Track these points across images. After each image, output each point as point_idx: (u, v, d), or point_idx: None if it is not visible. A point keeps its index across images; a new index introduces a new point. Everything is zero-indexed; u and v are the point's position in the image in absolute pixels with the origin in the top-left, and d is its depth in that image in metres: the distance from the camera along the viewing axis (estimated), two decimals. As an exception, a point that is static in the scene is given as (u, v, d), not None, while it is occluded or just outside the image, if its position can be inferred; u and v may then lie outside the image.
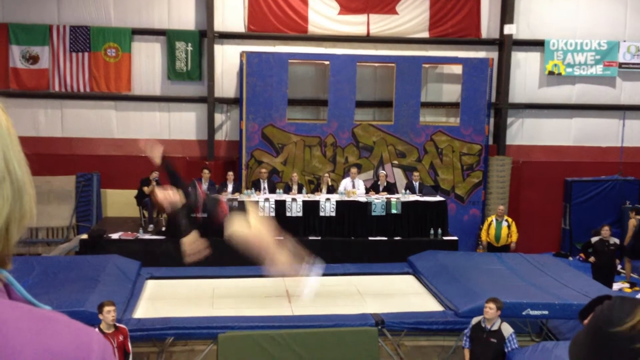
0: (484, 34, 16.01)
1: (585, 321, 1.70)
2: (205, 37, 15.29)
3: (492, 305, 7.91)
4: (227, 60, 15.58)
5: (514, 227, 13.47)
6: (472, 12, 15.80)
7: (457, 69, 15.63)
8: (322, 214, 13.00)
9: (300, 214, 12.92)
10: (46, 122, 15.47)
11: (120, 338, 7.57)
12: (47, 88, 15.21)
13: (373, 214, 13.09)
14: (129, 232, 12.96)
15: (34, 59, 15.06)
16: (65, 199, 15.01)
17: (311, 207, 13.00)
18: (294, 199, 13.01)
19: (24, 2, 15.03)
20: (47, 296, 8.91)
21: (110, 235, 12.77)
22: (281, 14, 15.37)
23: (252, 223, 6.22)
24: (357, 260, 12.25)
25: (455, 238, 13.36)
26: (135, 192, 13.89)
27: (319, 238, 12.97)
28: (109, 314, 7.51)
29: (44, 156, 14.98)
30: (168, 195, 6.35)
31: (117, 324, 7.71)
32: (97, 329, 7.48)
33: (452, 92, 15.94)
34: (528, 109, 16.36)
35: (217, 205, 6.64)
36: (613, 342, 1.48)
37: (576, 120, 16.51)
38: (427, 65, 15.60)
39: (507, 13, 15.68)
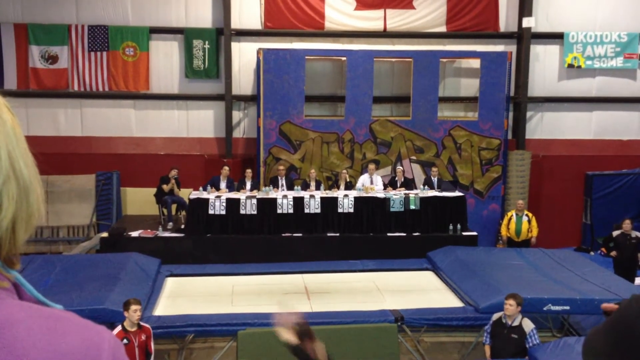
0: (502, 27, 15.87)
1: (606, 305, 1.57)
2: (222, 35, 15.32)
3: (512, 301, 7.85)
4: (244, 57, 15.60)
5: (534, 222, 13.36)
6: (490, 5, 15.67)
7: (475, 63, 15.51)
8: (340, 210, 12.99)
9: (318, 211, 12.92)
10: (66, 122, 15.60)
11: (143, 337, 7.59)
12: (66, 87, 15.34)
13: (391, 209, 13.05)
14: (149, 230, 13.04)
15: (53, 59, 15.18)
16: (86, 197, 15.15)
17: (329, 204, 12.99)
18: (312, 196, 13.01)
19: (43, 3, 15.15)
20: (68, 294, 9.00)
21: (130, 233, 12.86)
22: (297, 10, 15.35)
23: None
24: (376, 256, 12.23)
25: (474, 233, 13.28)
26: (154, 190, 13.96)
27: (338, 234, 12.97)
28: (135, 313, 7.51)
29: (64, 155, 15.13)
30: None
31: (142, 323, 7.72)
32: (120, 326, 7.52)
33: (470, 87, 15.83)
34: (547, 103, 16.20)
35: None
36: None
37: (596, 113, 16.32)
38: (444, 60, 15.50)
39: (525, 6, 15.52)
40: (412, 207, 13.07)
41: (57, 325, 0.92)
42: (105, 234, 13.08)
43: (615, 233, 12.05)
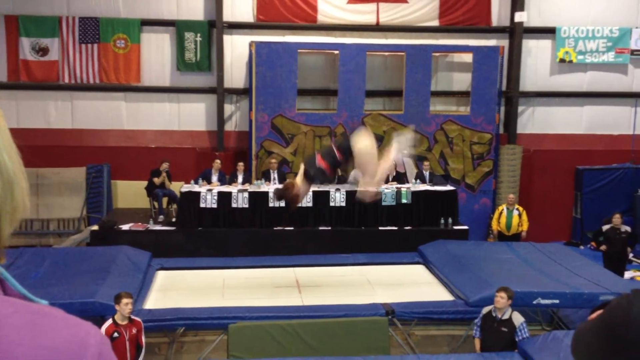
0: (495, 21, 15.88)
1: (594, 315, 1.53)
2: (214, 28, 15.26)
3: (503, 294, 7.89)
4: (236, 50, 15.55)
5: (524, 216, 13.41)
6: (482, 0, 15.67)
7: (468, 57, 15.52)
8: (332, 204, 12.99)
9: (310, 204, 12.91)
10: (56, 114, 15.52)
11: (134, 331, 7.58)
12: (57, 80, 15.25)
13: (383, 203, 13.06)
14: (140, 223, 13.01)
15: (44, 51, 15.09)
16: (76, 190, 15.08)
17: (321, 197, 12.99)
18: (303, 189, 12.98)
19: (33, -6, 15.06)
20: (58, 287, 8.97)
21: (120, 226, 12.82)
22: (290, 3, 15.31)
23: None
24: (368, 250, 12.25)
25: (465, 227, 13.32)
26: (145, 183, 13.92)
27: (329, 228, 12.97)
28: (127, 306, 7.48)
29: (55, 148, 15.06)
30: (299, 191, 7.25)
31: (132, 317, 7.70)
32: (110, 320, 7.50)
33: (462, 81, 15.85)
34: (539, 97, 16.24)
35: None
36: (635, 350, 1.27)
37: (588, 108, 16.38)
38: (437, 54, 15.50)
39: (517, 0, 15.54)
40: (404, 201, 13.09)
41: (43, 321, 0.91)
42: (95, 227, 13.03)
43: (605, 227, 12.11)
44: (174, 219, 13.23)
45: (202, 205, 12.73)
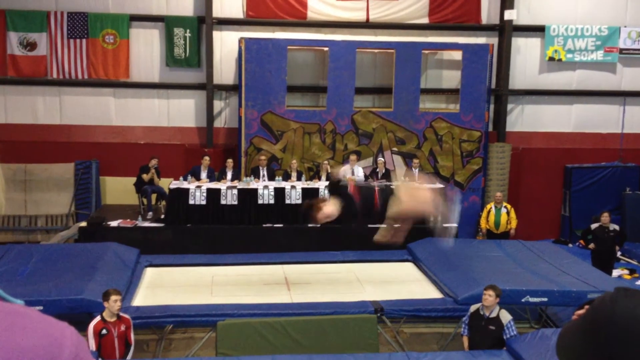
0: (484, 19, 15.91)
1: (575, 317, 1.52)
2: (203, 23, 15.20)
3: (490, 292, 7.91)
4: (225, 46, 15.49)
5: (513, 214, 13.44)
6: (472, -2, 15.70)
7: (457, 55, 15.54)
8: (321, 201, 12.95)
9: (299, 201, 12.89)
10: (44, 110, 15.41)
11: (122, 328, 7.54)
12: (44, 75, 15.14)
13: (372, 201, 13.04)
14: (128, 220, 12.94)
15: (32, 46, 14.97)
16: (64, 186, 15.00)
17: (310, 194, 12.95)
18: (293, 186, 12.99)
19: (21, -11, 14.94)
20: (46, 284, 8.91)
21: (109, 222, 12.76)
22: (280, -1, 15.28)
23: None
24: (356, 247, 12.22)
25: (454, 225, 13.31)
26: (134, 179, 13.86)
27: (318, 225, 12.92)
28: (116, 303, 7.44)
29: (43, 144, 14.97)
30: (327, 210, 6.93)
31: (121, 314, 7.66)
32: (99, 317, 7.46)
33: (452, 79, 15.86)
34: (528, 95, 16.29)
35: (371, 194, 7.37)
36: (619, 348, 1.25)
37: (576, 106, 16.45)
38: (426, 52, 15.51)
39: (507, -2, 15.58)
40: (393, 198, 13.07)
41: (17, 321, 0.89)
42: (84, 224, 12.97)
43: (594, 226, 12.16)
44: (162, 216, 13.18)
45: (190, 202, 12.69)
